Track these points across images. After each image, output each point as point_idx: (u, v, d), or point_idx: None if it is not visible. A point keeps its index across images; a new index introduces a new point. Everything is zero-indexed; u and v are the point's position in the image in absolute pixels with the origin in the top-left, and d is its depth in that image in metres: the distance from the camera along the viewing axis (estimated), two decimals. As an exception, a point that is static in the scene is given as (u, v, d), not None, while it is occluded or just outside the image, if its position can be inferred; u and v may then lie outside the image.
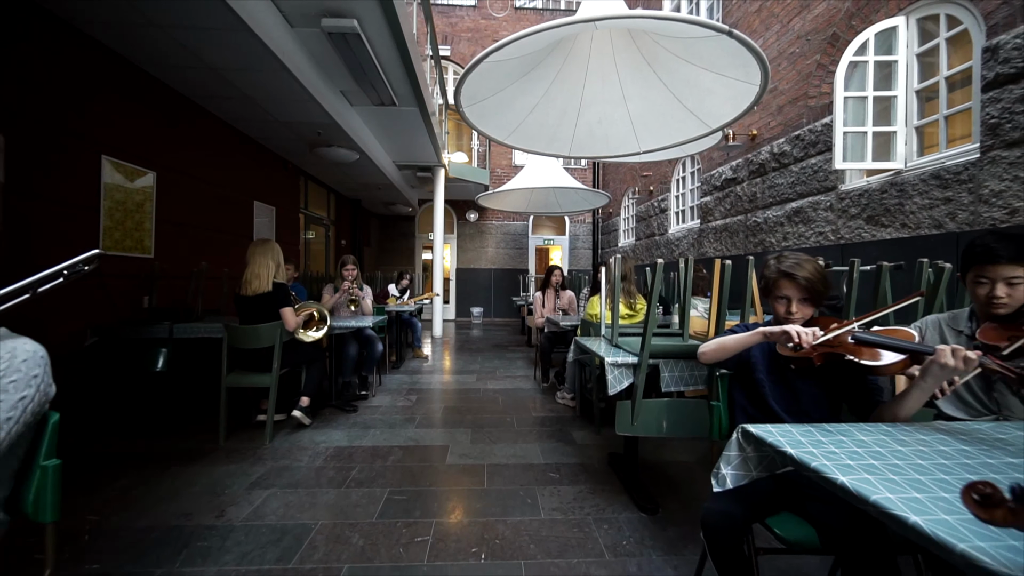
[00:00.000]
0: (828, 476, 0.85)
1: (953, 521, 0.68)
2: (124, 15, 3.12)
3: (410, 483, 2.49)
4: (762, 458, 1.16)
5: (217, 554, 1.81)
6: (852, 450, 0.97)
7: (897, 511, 0.71)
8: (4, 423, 0.89)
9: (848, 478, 0.83)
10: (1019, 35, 2.78)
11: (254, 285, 3.06)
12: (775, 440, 1.03)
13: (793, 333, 1.30)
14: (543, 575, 1.72)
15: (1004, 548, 0.61)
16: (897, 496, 0.76)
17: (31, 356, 0.98)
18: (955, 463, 0.90)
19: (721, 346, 1.51)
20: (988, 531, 0.64)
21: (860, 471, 0.86)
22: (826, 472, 0.86)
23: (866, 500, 0.76)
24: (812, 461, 0.91)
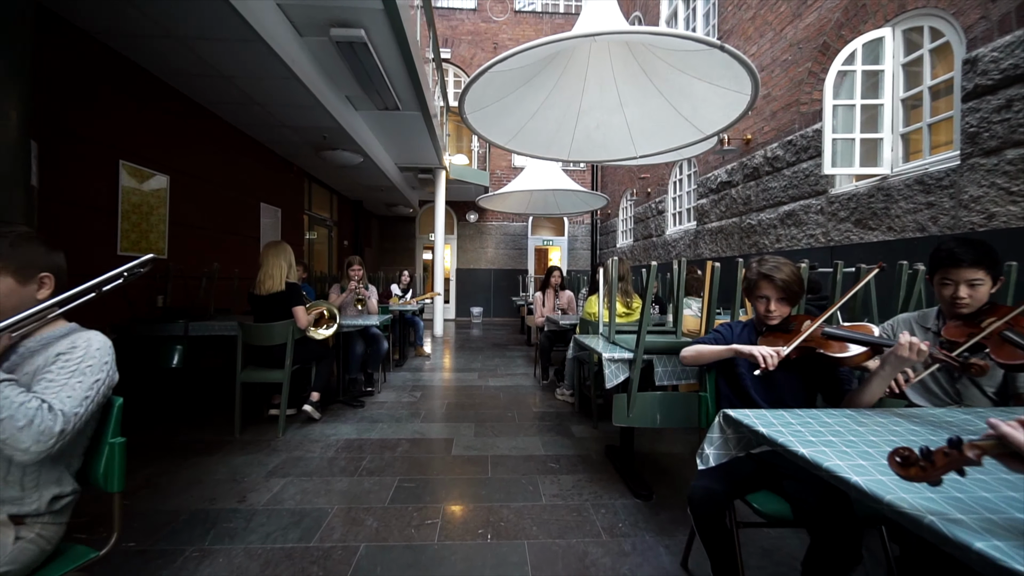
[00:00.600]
0: (791, 449, 1.00)
1: (888, 481, 0.82)
2: (144, 27, 3.26)
3: (418, 472, 2.63)
4: (740, 439, 1.30)
5: (243, 534, 1.96)
6: (816, 429, 1.12)
7: (843, 473, 0.86)
8: (83, 401, 1.04)
9: (807, 450, 0.97)
10: (996, 48, 2.93)
11: (268, 285, 3.20)
12: (750, 422, 1.18)
13: (759, 357, 1.44)
14: (545, 553, 1.86)
15: (921, 498, 0.75)
16: (846, 463, 0.90)
17: (102, 345, 1.13)
18: (902, 440, 1.05)
19: (699, 354, 1.67)
20: (911, 486, 0.79)
21: (819, 445, 1.01)
22: (790, 446, 1.01)
23: (819, 466, 0.91)
24: (779, 438, 1.06)
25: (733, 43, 6.02)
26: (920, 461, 0.71)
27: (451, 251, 12.34)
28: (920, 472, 0.71)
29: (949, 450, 0.69)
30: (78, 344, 1.11)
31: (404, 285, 6.73)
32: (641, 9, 9.43)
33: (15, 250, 1.07)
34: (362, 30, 3.87)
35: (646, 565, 1.79)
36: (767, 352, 1.42)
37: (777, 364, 1.41)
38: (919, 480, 0.71)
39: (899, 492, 0.77)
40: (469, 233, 12.44)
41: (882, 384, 1.35)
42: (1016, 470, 0.67)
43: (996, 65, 2.92)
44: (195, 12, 3.08)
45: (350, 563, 1.77)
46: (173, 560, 1.77)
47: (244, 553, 1.83)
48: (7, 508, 1.01)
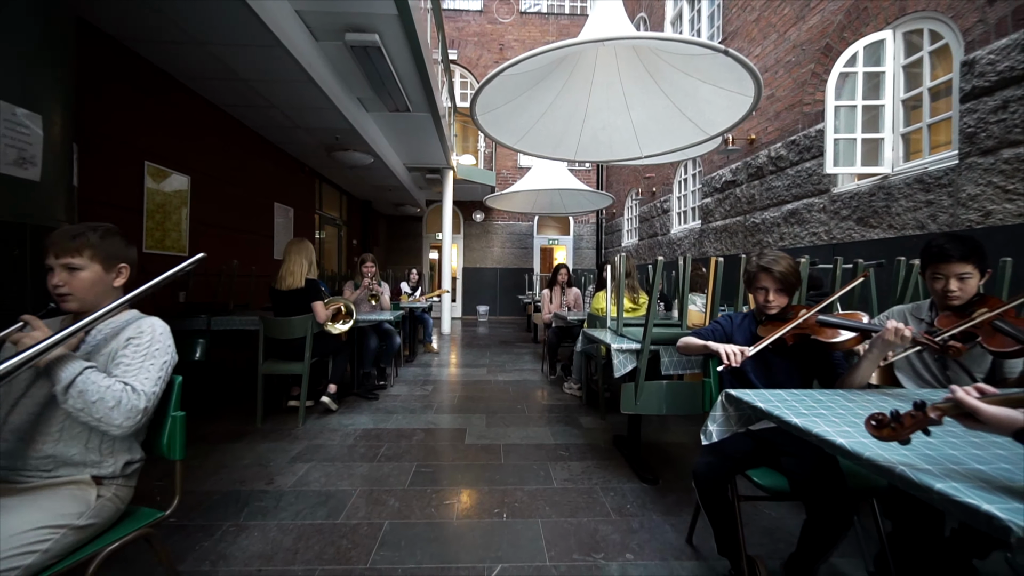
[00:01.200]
0: (786, 419, 1.11)
1: (868, 443, 0.93)
2: (170, 33, 3.40)
3: (434, 459, 2.76)
4: (740, 416, 1.42)
5: (274, 511, 2.09)
6: (809, 404, 1.23)
7: (830, 437, 0.97)
8: (157, 380, 1.17)
9: (800, 420, 1.09)
10: (993, 51, 3.02)
11: (288, 281, 3.34)
12: (750, 399, 1.29)
13: (723, 354, 1.57)
14: (558, 530, 1.98)
15: (894, 453, 0.87)
16: (833, 429, 1.02)
17: (164, 330, 1.26)
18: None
19: (686, 345, 1.81)
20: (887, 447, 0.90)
21: (811, 416, 1.12)
22: (785, 417, 1.12)
23: (809, 432, 1.02)
24: (775, 411, 1.17)
25: (737, 44, 6.12)
26: (891, 423, 0.83)
27: (458, 250, 12.47)
28: (892, 432, 0.83)
29: (915, 412, 0.81)
30: (144, 329, 1.24)
31: (413, 283, 6.86)
32: (646, 10, 9.52)
33: (103, 242, 1.20)
34: (376, 35, 4.00)
35: (653, 541, 1.90)
36: (733, 350, 1.54)
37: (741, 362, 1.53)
38: (891, 439, 0.83)
39: (876, 450, 0.88)
40: (475, 232, 12.57)
41: (871, 366, 1.46)
42: (970, 427, 0.79)
43: (993, 67, 3.01)
44: (220, 18, 3.22)
45: (376, 537, 1.90)
46: (212, 533, 1.90)
47: (277, 528, 1.96)
48: (90, 470, 1.14)
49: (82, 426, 1.13)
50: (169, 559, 1.25)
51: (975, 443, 0.94)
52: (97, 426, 1.07)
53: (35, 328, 1.05)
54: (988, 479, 0.78)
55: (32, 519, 0.98)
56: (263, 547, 1.82)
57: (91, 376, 1.07)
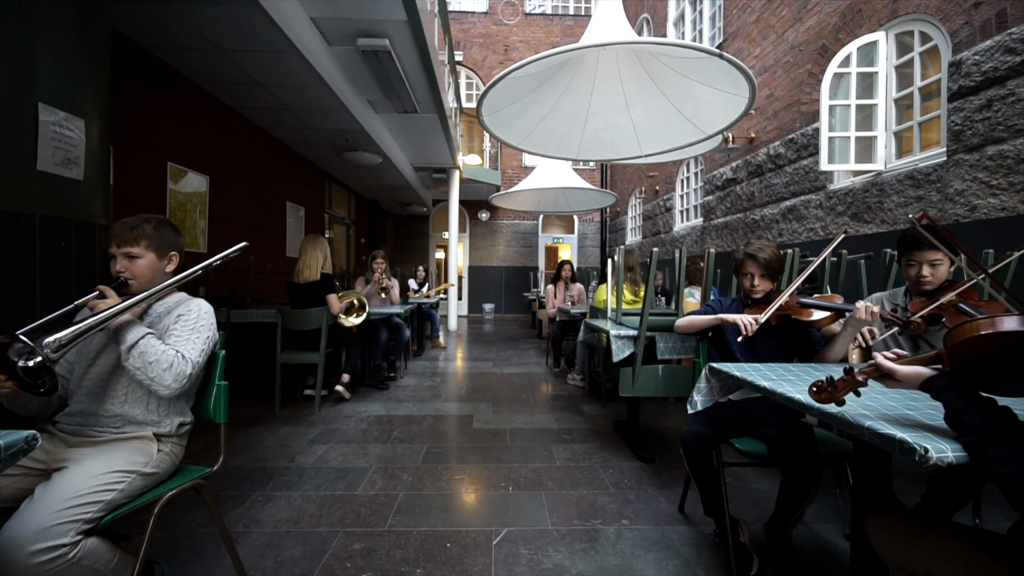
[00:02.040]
0: (757, 383, 1.26)
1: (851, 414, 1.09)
2: (192, 41, 3.59)
3: (444, 441, 2.92)
4: (721, 386, 1.57)
5: (297, 484, 2.26)
6: (779, 373, 1.38)
7: (791, 395, 1.13)
8: (202, 351, 1.34)
9: (768, 383, 1.24)
10: (978, 52, 3.15)
11: (305, 274, 3.52)
12: (728, 370, 1.45)
13: (741, 325, 1.70)
14: (560, 501, 2.14)
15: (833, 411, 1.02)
16: (795, 390, 1.17)
17: (209, 310, 1.43)
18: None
19: (690, 323, 1.95)
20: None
21: (779, 381, 1.27)
22: (756, 382, 1.27)
23: (775, 392, 1.18)
24: (748, 377, 1.32)
25: (738, 45, 6.24)
26: (827, 388, 0.99)
27: (463, 249, 12.64)
28: (828, 396, 0.98)
29: (846, 377, 0.97)
30: (192, 308, 1.41)
31: (420, 280, 7.04)
32: (649, 11, 9.64)
33: (157, 232, 1.38)
34: (386, 40, 4.17)
35: (648, 510, 2.06)
36: (747, 320, 1.68)
37: (756, 329, 1.67)
38: (828, 402, 0.99)
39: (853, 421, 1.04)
40: (481, 231, 12.74)
41: (845, 343, 1.61)
42: (890, 386, 0.96)
43: (978, 68, 3.14)
44: (241, 26, 3.41)
45: (392, 506, 2.07)
46: (242, 502, 2.08)
47: (301, 498, 2.13)
48: (150, 428, 1.31)
49: (143, 390, 1.31)
50: (215, 506, 1.42)
51: (914, 398, 1.09)
52: (150, 385, 1.24)
53: (108, 296, 1.23)
54: (911, 420, 0.93)
55: (109, 464, 1.15)
56: (289, 513, 2.00)
57: (150, 341, 1.24)
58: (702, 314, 1.96)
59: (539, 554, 1.72)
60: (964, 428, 0.79)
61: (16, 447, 0.77)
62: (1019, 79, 2.90)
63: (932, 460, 0.76)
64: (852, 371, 0.96)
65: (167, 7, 3.15)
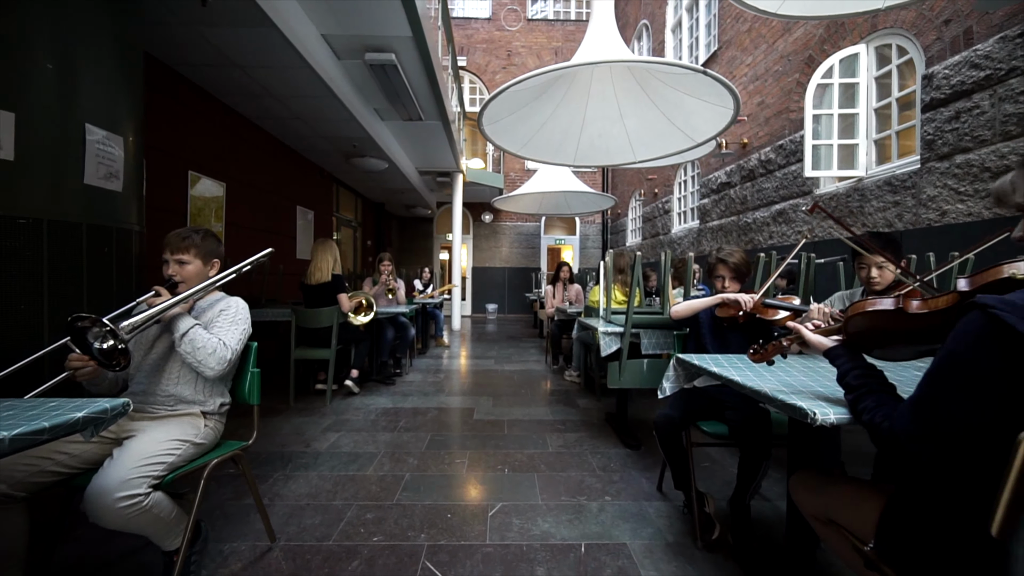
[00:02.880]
0: (708, 369, 1.49)
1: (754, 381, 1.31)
2: (212, 58, 3.85)
3: (447, 430, 3.16)
4: (687, 374, 1.79)
5: (313, 465, 2.51)
6: (735, 364, 1.60)
7: (728, 375, 1.35)
8: (239, 341, 1.58)
9: (719, 369, 1.46)
10: (947, 66, 3.35)
11: (316, 276, 3.77)
12: (691, 360, 1.67)
13: (743, 302, 1.93)
14: (551, 481, 2.37)
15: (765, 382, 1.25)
16: (737, 375, 1.39)
17: (244, 306, 1.68)
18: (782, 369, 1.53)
19: (690, 307, 2.17)
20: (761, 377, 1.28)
21: (729, 368, 1.50)
22: (708, 368, 1.50)
23: (719, 375, 1.40)
24: (705, 365, 1.55)
25: (731, 53, 6.45)
26: (760, 350, 1.22)
27: (467, 250, 12.89)
28: (760, 356, 1.23)
29: (775, 342, 1.20)
30: (231, 304, 1.66)
31: (425, 281, 7.29)
32: (648, 17, 9.86)
33: (203, 242, 1.62)
34: (393, 54, 4.42)
35: (629, 489, 2.29)
36: (745, 298, 1.90)
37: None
38: (760, 361, 1.24)
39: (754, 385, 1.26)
40: (484, 233, 12.98)
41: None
42: (805, 351, 1.18)
43: (947, 81, 3.34)
44: (257, 45, 3.66)
45: (399, 484, 2.31)
46: (265, 480, 2.32)
47: (318, 477, 2.38)
48: (198, 406, 1.56)
49: (191, 373, 1.55)
50: (250, 472, 1.67)
51: (830, 377, 1.32)
52: (197, 367, 1.48)
53: (162, 294, 1.48)
54: (816, 393, 1.15)
55: (168, 434, 1.40)
56: (308, 489, 2.24)
57: (198, 330, 1.49)
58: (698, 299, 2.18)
59: (529, 523, 1.95)
60: (847, 386, 1.01)
61: (117, 410, 1.01)
62: (983, 93, 3.10)
63: (818, 421, 0.99)
64: (779, 337, 1.20)
65: (193, 29, 3.41)
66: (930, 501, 0.87)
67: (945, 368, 0.77)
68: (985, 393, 0.72)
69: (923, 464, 0.84)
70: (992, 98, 3.04)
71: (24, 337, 2.15)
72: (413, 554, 1.73)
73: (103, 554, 1.69)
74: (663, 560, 1.71)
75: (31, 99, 2.17)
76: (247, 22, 3.33)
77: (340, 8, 3.81)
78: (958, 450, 0.77)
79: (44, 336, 2.20)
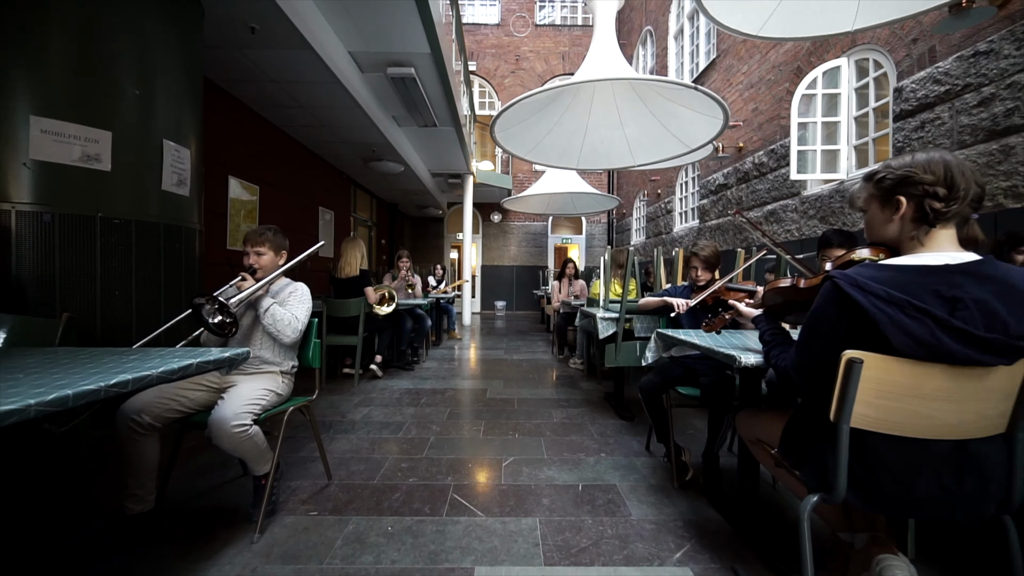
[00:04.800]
0: (678, 337, 1.89)
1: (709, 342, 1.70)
2: (251, 75, 4.30)
3: (463, 406, 3.58)
4: (665, 345, 2.19)
5: (352, 431, 2.93)
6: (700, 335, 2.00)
7: (691, 340, 1.75)
8: (305, 316, 2.01)
9: (686, 338, 1.86)
10: (915, 80, 3.71)
11: (346, 270, 4.20)
12: (667, 332, 2.07)
13: (675, 305, 2.34)
14: (554, 443, 2.77)
15: (717, 342, 1.64)
16: (700, 341, 1.79)
17: (307, 290, 2.10)
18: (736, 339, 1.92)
19: (647, 303, 2.58)
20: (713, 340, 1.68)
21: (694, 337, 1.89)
22: (677, 336, 1.90)
23: (685, 340, 1.80)
24: (678, 336, 1.95)
25: (728, 61, 6.81)
26: (710, 322, 1.62)
27: (477, 249, 13.32)
28: (710, 326, 1.63)
29: (720, 316, 1.59)
30: (298, 287, 2.08)
31: (439, 277, 7.72)
32: (652, 24, 10.22)
33: (275, 237, 2.05)
34: (412, 68, 4.84)
35: (621, 448, 2.69)
36: (680, 302, 2.31)
37: (693, 305, 2.30)
38: (710, 331, 1.63)
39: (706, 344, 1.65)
40: (493, 232, 13.40)
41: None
42: (743, 322, 1.58)
43: (914, 94, 3.70)
44: (293, 64, 4.10)
45: (426, 444, 2.72)
46: (313, 441, 2.75)
47: (356, 439, 2.80)
48: (276, 367, 1.98)
49: (271, 341, 1.98)
50: (314, 419, 2.10)
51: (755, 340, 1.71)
52: (276, 336, 1.90)
53: (247, 279, 1.91)
54: (744, 347, 1.55)
55: (259, 385, 1.82)
56: (350, 447, 2.67)
57: (276, 307, 1.91)
58: (658, 296, 2.58)
59: (536, 471, 2.36)
60: (764, 342, 1.40)
61: (243, 355, 1.43)
62: (943, 106, 3.46)
63: (741, 363, 1.38)
64: (721, 313, 1.60)
65: (239, 52, 3.85)
66: (806, 411, 1.26)
67: (811, 321, 1.17)
68: (830, 334, 1.11)
69: (800, 387, 1.23)
70: (951, 111, 3.40)
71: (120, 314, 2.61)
72: (442, 490, 2.15)
73: (210, 482, 2.13)
74: (645, 496, 2.11)
75: (123, 120, 2.62)
76: (287, 45, 3.77)
77: (367, 28, 4.24)
78: (818, 373, 1.16)
79: (133, 313, 2.65)
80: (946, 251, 1.07)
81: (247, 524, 1.81)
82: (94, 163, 2.48)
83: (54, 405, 0.84)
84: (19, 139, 2.30)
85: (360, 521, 1.86)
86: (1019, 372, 1.01)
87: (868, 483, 1.07)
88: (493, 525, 1.85)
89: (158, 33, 2.80)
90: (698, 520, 1.91)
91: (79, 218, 2.45)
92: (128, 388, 1.01)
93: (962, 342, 0.96)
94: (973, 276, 1.00)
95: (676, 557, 1.65)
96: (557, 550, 1.68)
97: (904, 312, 0.99)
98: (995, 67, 3.10)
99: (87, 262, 2.47)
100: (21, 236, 2.30)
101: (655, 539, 1.76)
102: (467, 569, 1.57)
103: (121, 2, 2.59)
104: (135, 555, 1.60)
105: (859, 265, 1.13)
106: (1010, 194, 3.00)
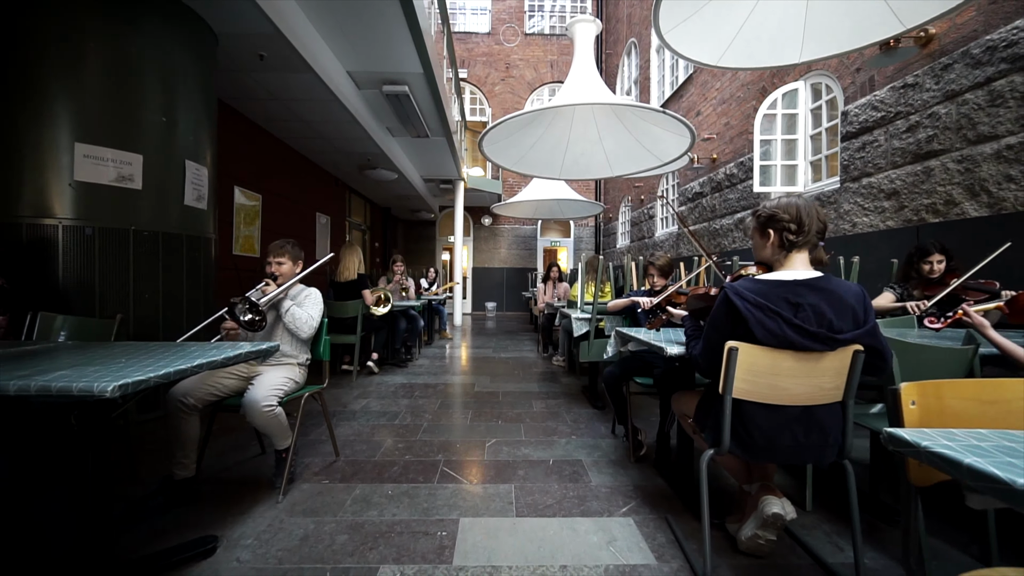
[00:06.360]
0: (631, 336, 2.28)
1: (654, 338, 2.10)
2: (256, 93, 4.65)
3: (453, 398, 3.95)
4: (623, 341, 2.58)
5: (352, 419, 3.30)
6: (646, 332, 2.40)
7: (640, 336, 2.14)
8: (318, 316, 2.37)
9: (636, 334, 2.25)
10: (857, 106, 4.15)
11: (345, 274, 4.56)
12: (623, 330, 2.46)
13: (642, 302, 2.73)
14: (532, 428, 3.16)
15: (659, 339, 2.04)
16: (646, 337, 2.18)
17: (320, 294, 2.47)
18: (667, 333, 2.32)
19: (616, 305, 2.97)
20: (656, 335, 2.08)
21: (643, 335, 2.29)
22: (629, 333, 2.29)
23: (635, 337, 2.19)
24: (631, 333, 2.34)
25: (703, 78, 7.25)
26: (651, 321, 2.01)
27: (467, 252, 13.68)
28: (651, 325, 2.02)
29: (658, 316, 1.99)
30: (312, 292, 2.45)
31: (431, 279, 8.08)
32: (636, 37, 10.66)
33: (293, 249, 2.41)
34: (406, 86, 5.22)
35: (590, 431, 3.08)
36: (644, 300, 2.70)
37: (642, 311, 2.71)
38: (652, 328, 2.02)
39: (648, 340, 2.05)
40: (484, 235, 13.77)
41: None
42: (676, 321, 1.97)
43: (857, 118, 4.14)
44: (295, 83, 4.45)
45: (419, 429, 3.10)
46: (320, 426, 3.11)
47: (358, 425, 3.17)
48: (295, 359, 2.35)
49: (290, 336, 2.34)
50: (325, 403, 2.47)
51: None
52: (295, 332, 2.27)
53: (271, 284, 2.27)
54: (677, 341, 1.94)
55: (281, 374, 2.18)
56: (352, 432, 3.03)
57: (295, 308, 2.28)
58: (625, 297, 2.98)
59: (515, 449, 2.75)
60: (687, 336, 1.80)
61: (275, 348, 1.79)
62: (880, 130, 3.90)
63: (668, 353, 1.78)
64: (659, 314, 1.99)
65: (247, 75, 4.20)
66: (710, 388, 1.66)
67: (711, 319, 1.56)
68: (723, 329, 1.51)
69: (706, 370, 1.62)
70: (886, 135, 3.84)
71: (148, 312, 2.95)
72: (434, 464, 2.52)
73: (235, 458, 2.48)
74: (605, 468, 2.50)
75: (151, 144, 2.97)
76: (292, 69, 4.12)
77: (364, 50, 4.61)
78: (716, 359, 1.55)
79: (160, 312, 3.00)
80: (797, 270, 1.47)
81: (271, 490, 2.18)
82: (128, 183, 2.83)
83: (164, 379, 1.21)
84: (64, 163, 2.65)
85: (365, 487, 2.24)
86: (846, 357, 1.42)
87: (745, 438, 1.47)
88: (476, 489, 2.23)
89: (179, 65, 3.15)
90: (646, 486, 2.30)
91: (115, 231, 2.80)
92: (202, 370, 1.38)
93: (800, 334, 1.36)
94: (811, 288, 1.41)
95: (622, 511, 2.04)
96: (527, 507, 2.06)
97: (764, 313, 1.39)
98: (919, 98, 3.55)
99: (122, 269, 2.82)
100: (67, 247, 2.64)
101: (608, 499, 2.15)
102: (454, 520, 1.95)
103: (148, 39, 2.95)
104: (183, 512, 1.96)
105: (744, 279, 1.54)
106: (930, 210, 3.44)
